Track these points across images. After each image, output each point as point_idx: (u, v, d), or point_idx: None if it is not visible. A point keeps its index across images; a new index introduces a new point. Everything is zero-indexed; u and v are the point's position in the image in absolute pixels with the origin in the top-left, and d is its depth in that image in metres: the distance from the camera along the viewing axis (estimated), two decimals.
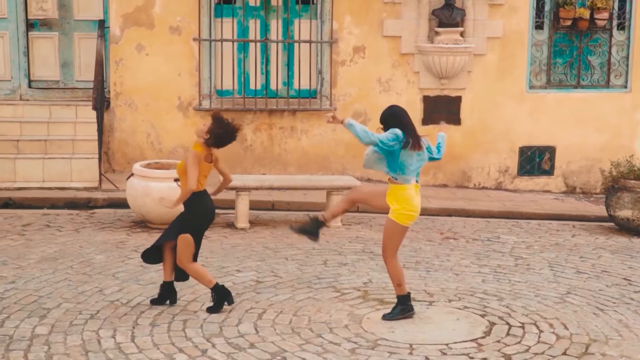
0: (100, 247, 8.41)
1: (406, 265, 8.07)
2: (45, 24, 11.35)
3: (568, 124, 12.08)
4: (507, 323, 6.57)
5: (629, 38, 12.15)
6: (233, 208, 9.56)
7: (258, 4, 11.41)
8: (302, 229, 6.73)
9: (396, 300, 6.62)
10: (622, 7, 12.10)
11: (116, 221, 9.50)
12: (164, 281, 6.75)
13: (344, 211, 6.84)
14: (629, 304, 7.16)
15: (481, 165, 11.99)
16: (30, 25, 11.28)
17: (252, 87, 11.51)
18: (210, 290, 6.62)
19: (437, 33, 11.42)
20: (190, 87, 11.30)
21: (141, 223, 9.37)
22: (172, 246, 6.63)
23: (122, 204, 9.67)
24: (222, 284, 6.71)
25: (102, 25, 10.90)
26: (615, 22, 12.10)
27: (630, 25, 12.12)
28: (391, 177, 6.44)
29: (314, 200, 10.36)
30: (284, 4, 11.40)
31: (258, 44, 11.42)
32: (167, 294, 6.74)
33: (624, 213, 9.90)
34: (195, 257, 6.68)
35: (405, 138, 6.33)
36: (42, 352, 5.78)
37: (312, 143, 11.61)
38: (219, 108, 11.30)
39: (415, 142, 6.38)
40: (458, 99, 11.82)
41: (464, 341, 6.18)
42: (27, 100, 11.28)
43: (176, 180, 6.55)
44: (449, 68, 11.48)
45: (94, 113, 10.32)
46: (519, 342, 6.20)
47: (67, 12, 11.37)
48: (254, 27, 11.41)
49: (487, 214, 10.68)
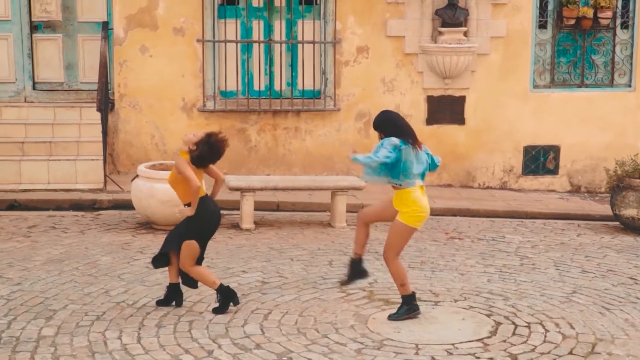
0: (105, 248, 8.43)
1: (411, 265, 8.07)
2: (49, 26, 11.37)
3: (572, 123, 12.07)
4: (513, 323, 6.57)
5: (632, 37, 12.14)
6: (238, 209, 9.56)
7: (261, 4, 11.41)
8: (351, 278, 6.71)
9: (401, 300, 6.62)
10: (625, 5, 12.09)
11: (121, 222, 9.51)
12: (170, 283, 6.75)
13: (366, 236, 6.72)
14: (635, 303, 7.15)
15: (485, 165, 11.98)
16: (34, 27, 11.31)
17: (256, 87, 11.51)
18: (215, 292, 6.62)
19: (440, 33, 11.42)
20: (194, 88, 11.31)
21: (146, 224, 9.38)
22: (178, 250, 6.62)
23: (127, 205, 9.69)
24: (227, 284, 6.71)
25: (105, 27, 10.93)
26: (618, 21, 12.09)
27: (634, 24, 12.11)
28: (395, 184, 6.42)
29: (319, 200, 10.37)
30: (287, 5, 11.41)
31: (262, 45, 11.43)
32: (173, 296, 6.74)
33: (629, 212, 9.89)
34: (200, 261, 6.68)
35: (404, 140, 6.34)
36: (48, 354, 5.79)
37: (317, 143, 11.62)
38: (223, 109, 11.35)
39: (415, 141, 6.40)
40: (462, 99, 11.82)
41: (470, 341, 6.18)
42: (32, 102, 11.31)
43: (186, 205, 6.54)
44: (453, 68, 11.48)
45: (98, 115, 10.34)
46: (525, 342, 6.19)
47: (70, 14, 11.39)
48: (257, 28, 11.42)
49: (492, 213, 10.68)
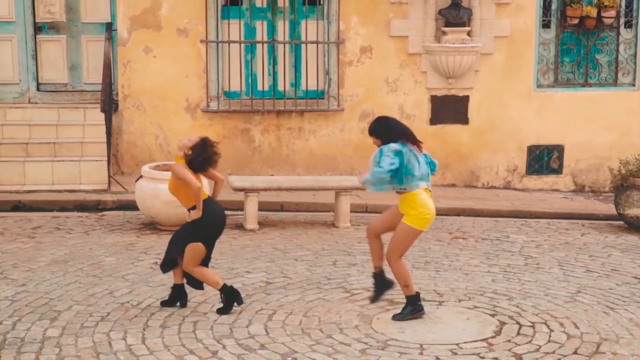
0: (110, 249, 8.44)
1: (415, 265, 8.07)
2: (53, 27, 11.38)
3: (576, 122, 12.06)
4: (518, 322, 6.57)
5: (636, 36, 12.12)
6: (242, 209, 9.57)
7: (265, 5, 11.42)
8: (378, 292, 6.64)
9: (405, 300, 6.62)
10: (629, 5, 12.08)
11: (125, 223, 9.52)
12: (174, 284, 6.76)
13: (380, 247, 6.63)
14: (639, 303, 7.14)
15: (489, 164, 11.98)
16: (38, 28, 11.32)
17: (259, 88, 11.52)
18: (219, 292, 6.62)
19: (444, 33, 11.41)
20: (197, 88, 11.32)
21: (150, 225, 9.39)
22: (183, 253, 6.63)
23: (131, 206, 9.70)
24: (230, 284, 6.72)
25: (109, 27, 10.93)
26: (622, 20, 12.07)
27: (637, 23, 12.09)
28: (400, 189, 6.41)
29: (323, 200, 10.38)
30: (290, 5, 11.41)
31: (265, 45, 11.43)
32: (177, 296, 6.74)
33: (634, 211, 9.88)
34: (207, 263, 6.67)
35: (403, 144, 6.33)
36: (53, 355, 5.80)
37: (320, 144, 11.62)
38: (227, 109, 11.35)
39: (415, 143, 6.39)
40: (465, 99, 11.81)
41: (474, 341, 6.18)
42: (36, 103, 11.32)
43: (190, 209, 6.54)
44: (456, 67, 11.47)
45: (102, 115, 10.35)
46: (530, 342, 6.19)
47: (74, 15, 11.40)
48: (260, 29, 11.42)
49: (496, 213, 10.67)
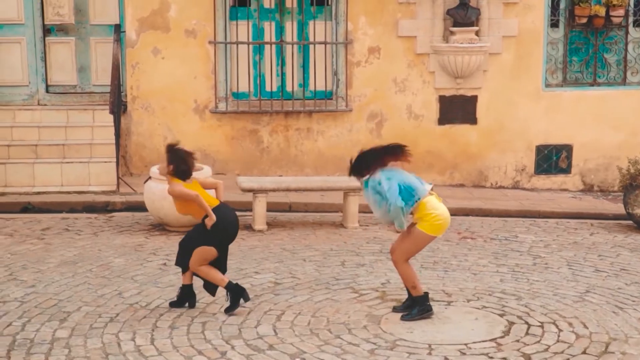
0: (118, 250, 8.46)
1: (424, 265, 8.07)
2: (61, 29, 11.42)
3: (585, 122, 12.02)
4: (526, 322, 6.56)
5: None
6: (250, 210, 9.58)
7: (273, 6, 11.43)
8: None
9: (413, 300, 6.61)
10: (637, 4, 12.04)
11: (134, 224, 9.54)
12: (183, 284, 6.77)
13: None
14: None
15: (498, 164, 11.96)
16: (47, 30, 11.36)
17: (267, 89, 11.53)
18: (225, 290, 6.63)
19: (452, 32, 11.40)
20: (206, 89, 11.34)
21: (159, 226, 9.41)
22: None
23: (140, 207, 9.72)
24: (235, 282, 6.72)
25: (118, 29, 10.96)
26: (631, 19, 12.03)
27: None
28: (412, 206, 6.37)
29: (331, 201, 10.38)
30: (298, 6, 11.42)
31: (273, 46, 11.45)
32: (186, 297, 6.76)
33: None
34: (223, 269, 6.67)
35: (383, 167, 6.35)
36: (62, 356, 5.82)
37: (329, 144, 11.62)
38: (235, 110, 11.37)
39: (403, 152, 6.37)
40: (474, 99, 11.80)
41: (483, 341, 6.17)
42: (45, 105, 11.36)
43: (203, 219, 6.56)
44: (465, 67, 11.46)
45: (111, 117, 10.38)
46: (538, 342, 6.18)
47: (83, 17, 11.44)
48: (269, 30, 11.43)
49: (505, 213, 10.65)
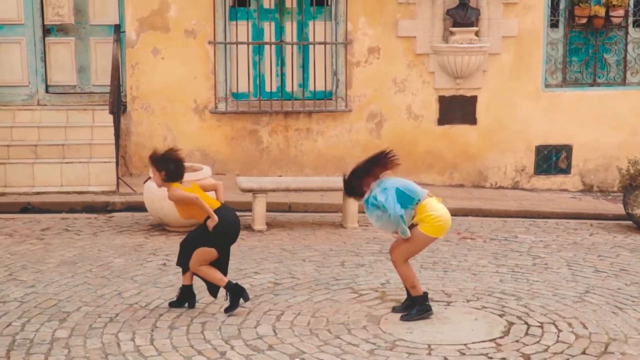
0: (118, 250, 8.46)
1: (423, 265, 8.07)
2: (61, 30, 11.43)
3: (584, 122, 12.03)
4: (526, 323, 6.56)
5: None
6: (250, 210, 9.58)
7: (272, 6, 11.44)
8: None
9: (413, 301, 6.61)
10: (637, 4, 12.04)
11: (134, 224, 9.54)
12: (183, 285, 6.77)
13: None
14: None
15: (497, 164, 11.96)
16: (46, 30, 11.36)
17: (267, 89, 11.53)
18: (225, 290, 6.63)
19: (451, 33, 11.41)
20: (206, 90, 11.34)
21: (159, 226, 9.41)
22: None
23: (140, 207, 9.72)
24: (235, 282, 6.72)
25: (117, 29, 10.96)
26: (631, 20, 12.04)
27: None
28: (413, 210, 6.39)
29: (331, 201, 10.38)
30: (298, 6, 11.42)
31: (273, 47, 11.45)
32: (186, 298, 6.76)
33: None
34: (224, 270, 6.67)
35: (376, 177, 6.34)
36: (62, 356, 5.82)
37: (328, 144, 11.62)
38: (235, 111, 11.37)
39: (388, 159, 6.35)
40: (473, 99, 11.80)
41: (482, 341, 6.17)
42: (45, 105, 11.36)
43: (205, 221, 6.56)
44: (464, 68, 11.46)
45: (110, 117, 10.38)
46: (538, 342, 6.18)
47: (83, 17, 11.44)
48: (268, 30, 11.44)
49: (504, 213, 10.65)
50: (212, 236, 6.50)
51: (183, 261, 6.68)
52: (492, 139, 11.90)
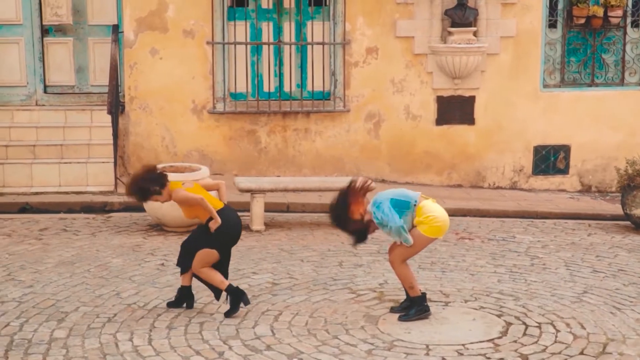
0: (116, 250, 8.46)
1: (421, 266, 8.08)
2: (60, 30, 11.43)
3: (583, 122, 12.04)
4: (524, 323, 6.56)
5: None
6: (248, 210, 9.58)
7: (271, 6, 11.44)
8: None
9: (411, 301, 6.61)
10: (636, 4, 12.05)
11: (132, 225, 9.55)
12: (182, 285, 6.76)
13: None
14: None
15: (495, 165, 11.97)
16: (45, 31, 11.37)
17: (265, 89, 11.53)
18: (225, 293, 6.63)
19: (450, 33, 11.41)
20: (204, 90, 11.34)
21: (157, 226, 9.41)
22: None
23: (138, 207, 9.68)
24: (236, 285, 6.72)
25: (116, 30, 10.97)
26: (629, 20, 12.04)
27: None
28: (413, 210, 6.41)
29: (329, 201, 10.34)
30: (296, 6, 11.42)
31: (271, 47, 11.45)
32: (184, 298, 6.75)
33: None
34: (225, 273, 6.67)
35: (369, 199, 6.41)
36: (60, 356, 5.82)
37: (327, 145, 11.62)
38: (233, 111, 11.37)
39: (362, 187, 6.42)
40: (472, 99, 11.81)
41: (480, 341, 6.17)
42: (43, 105, 11.37)
43: (207, 222, 6.56)
44: (463, 68, 11.47)
45: (109, 117, 10.39)
46: (536, 342, 6.19)
47: (81, 17, 11.45)
48: (267, 30, 11.44)
49: (502, 213, 10.66)
50: (214, 237, 6.49)
51: (183, 262, 6.68)
52: (491, 139, 11.91)
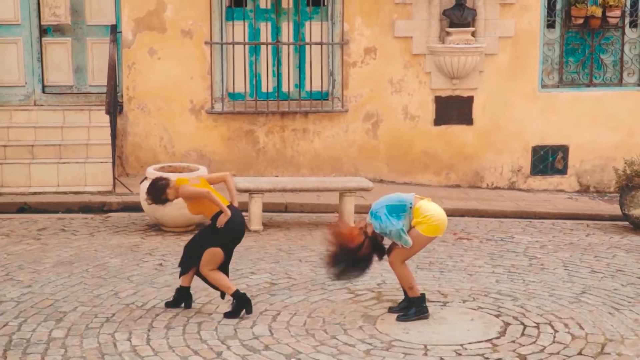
0: (115, 250, 8.46)
1: (420, 266, 8.08)
2: (58, 30, 11.42)
3: (581, 122, 12.04)
4: (522, 323, 6.57)
5: None
6: (246, 210, 9.57)
7: (269, 6, 11.43)
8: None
9: (409, 301, 6.61)
10: (634, 4, 12.05)
11: (130, 225, 9.54)
12: (180, 285, 6.76)
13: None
14: None
15: (494, 165, 11.97)
16: (43, 31, 11.36)
17: (263, 89, 11.52)
18: (231, 296, 6.62)
19: (448, 33, 11.42)
20: (202, 90, 11.34)
21: (155, 226, 9.41)
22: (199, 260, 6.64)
23: (136, 207, 9.72)
24: (243, 292, 6.70)
25: (114, 30, 10.96)
26: (627, 20, 12.04)
27: None
28: (410, 210, 6.44)
29: (327, 201, 10.38)
30: (294, 6, 11.42)
31: (269, 47, 11.45)
32: (182, 298, 6.75)
33: (639, 212, 9.87)
34: (226, 271, 6.67)
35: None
36: (59, 356, 5.82)
37: (325, 145, 11.62)
38: (231, 111, 11.37)
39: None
40: (470, 99, 11.81)
41: (478, 342, 6.18)
42: (41, 105, 11.36)
43: (212, 218, 6.57)
44: (461, 68, 11.47)
45: (107, 117, 10.39)
46: (534, 342, 6.19)
47: (79, 17, 11.44)
48: (265, 30, 11.43)
49: (501, 214, 10.66)
50: (218, 235, 6.50)
51: (185, 263, 6.67)
52: (489, 140, 11.91)
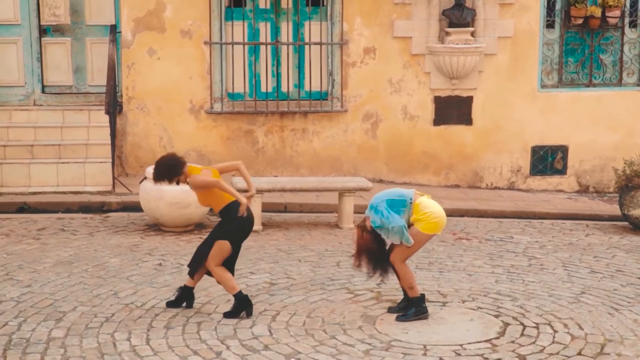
0: (114, 250, 8.46)
1: (419, 266, 8.08)
2: (57, 30, 11.42)
3: (580, 123, 12.04)
4: (521, 323, 6.57)
5: None
6: None
7: (268, 6, 11.43)
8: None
9: (409, 301, 6.62)
10: (634, 4, 12.06)
11: (130, 224, 9.54)
12: (185, 285, 6.75)
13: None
14: None
15: (493, 165, 11.97)
16: (43, 31, 11.36)
17: (263, 89, 11.52)
18: (233, 297, 6.62)
19: (447, 33, 11.42)
20: (201, 90, 11.34)
21: (154, 226, 9.41)
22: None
23: (136, 207, 9.72)
24: (245, 294, 6.69)
25: (113, 30, 10.96)
26: (627, 20, 12.04)
27: None
28: (409, 206, 6.44)
29: (326, 201, 10.39)
30: (294, 7, 11.42)
31: (269, 47, 11.45)
32: (184, 298, 6.75)
33: (638, 212, 9.87)
34: (232, 269, 6.67)
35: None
36: (58, 356, 5.82)
37: (324, 145, 11.63)
38: (231, 111, 11.37)
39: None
40: (469, 99, 11.81)
41: (478, 342, 6.18)
42: (41, 105, 11.36)
43: (222, 210, 6.58)
44: (460, 68, 11.47)
45: (106, 117, 10.39)
46: (534, 343, 6.19)
47: (79, 17, 11.44)
48: (264, 30, 11.43)
49: (500, 214, 10.66)
50: (228, 229, 6.50)
51: (194, 264, 6.66)
52: (488, 140, 11.91)
